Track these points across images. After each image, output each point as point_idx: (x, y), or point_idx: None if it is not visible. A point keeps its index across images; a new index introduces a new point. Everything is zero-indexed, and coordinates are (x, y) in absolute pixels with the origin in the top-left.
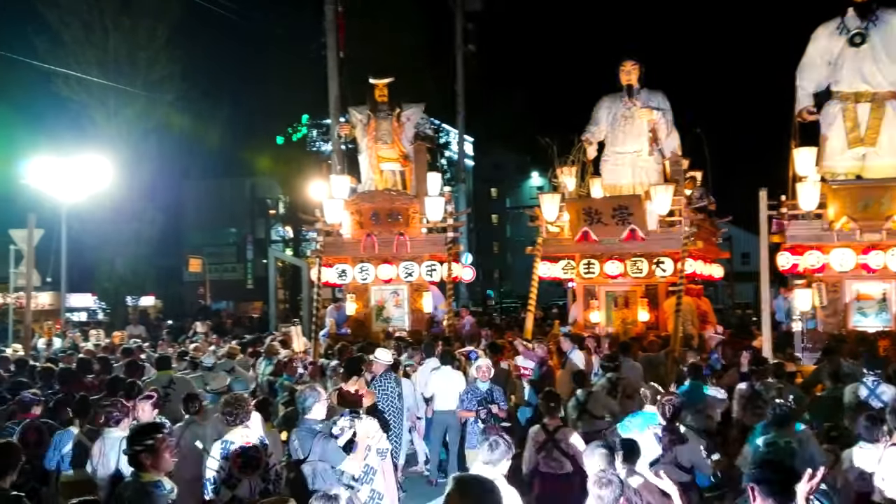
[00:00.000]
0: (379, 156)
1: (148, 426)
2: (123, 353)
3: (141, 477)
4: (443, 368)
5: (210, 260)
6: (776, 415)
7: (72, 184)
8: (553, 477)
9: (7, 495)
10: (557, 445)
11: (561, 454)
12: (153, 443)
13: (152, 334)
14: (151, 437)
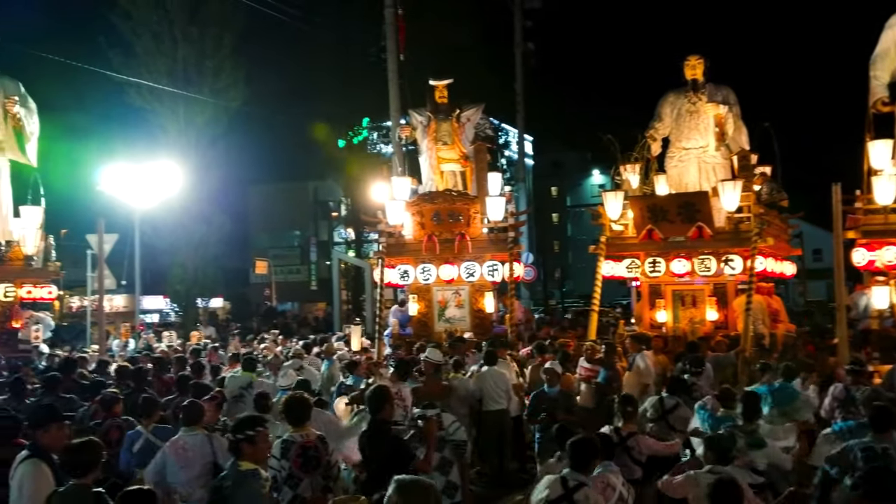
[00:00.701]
0: (439, 157)
1: (251, 418)
2: (192, 354)
3: (240, 465)
4: (490, 367)
5: (275, 262)
6: (876, 417)
7: (144, 190)
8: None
9: (89, 492)
10: (629, 452)
11: (631, 461)
12: (254, 434)
13: (221, 335)
14: (254, 428)
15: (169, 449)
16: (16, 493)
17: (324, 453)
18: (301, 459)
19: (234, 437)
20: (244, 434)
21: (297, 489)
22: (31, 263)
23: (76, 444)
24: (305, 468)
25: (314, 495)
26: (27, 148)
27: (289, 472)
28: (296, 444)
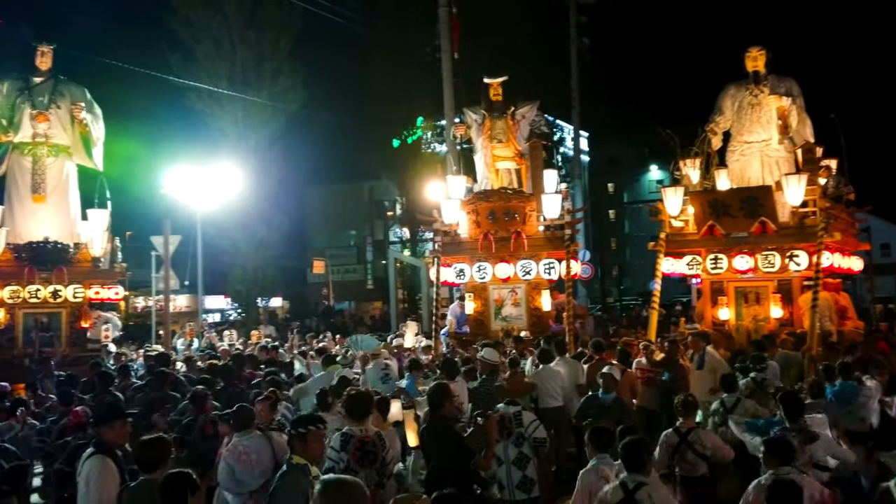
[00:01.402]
0: (494, 155)
1: (309, 416)
2: (262, 351)
3: (292, 458)
4: (545, 365)
5: (332, 262)
6: None
7: (206, 192)
8: (688, 480)
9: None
10: (692, 447)
11: (696, 456)
12: (305, 432)
13: (281, 334)
14: (306, 426)
15: (230, 455)
16: (83, 487)
17: (381, 449)
18: (359, 453)
19: (291, 431)
20: (297, 430)
21: None
22: (99, 265)
23: (147, 440)
24: (362, 462)
25: (368, 489)
26: (94, 152)
27: (346, 465)
28: (355, 437)
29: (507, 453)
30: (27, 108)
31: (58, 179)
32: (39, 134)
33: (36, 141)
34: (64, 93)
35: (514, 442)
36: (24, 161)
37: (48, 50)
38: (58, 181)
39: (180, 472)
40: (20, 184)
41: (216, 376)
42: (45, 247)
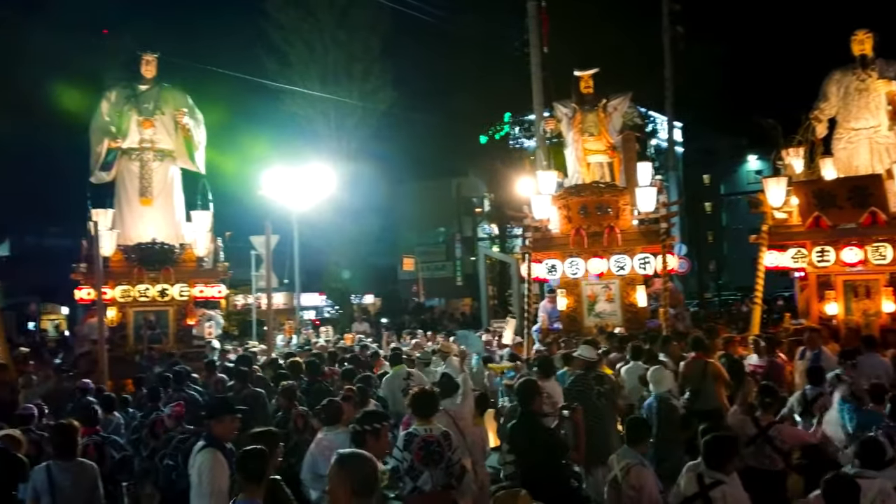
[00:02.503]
0: (585, 148)
1: (376, 413)
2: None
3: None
4: (635, 362)
5: (422, 259)
6: None
7: (301, 192)
8: (762, 473)
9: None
10: (770, 441)
11: (773, 451)
12: (371, 429)
13: (375, 330)
14: (378, 422)
15: (315, 449)
16: (195, 479)
17: (446, 449)
18: (423, 452)
19: (359, 428)
20: (363, 427)
21: (418, 481)
22: (203, 264)
23: (257, 433)
24: (426, 461)
25: (434, 489)
26: (196, 156)
27: (410, 464)
28: (418, 437)
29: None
30: (134, 115)
31: (163, 183)
32: (145, 140)
33: (142, 146)
34: (167, 99)
35: None
36: (132, 166)
37: (152, 58)
38: (163, 184)
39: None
40: (129, 188)
41: (300, 373)
42: (152, 248)
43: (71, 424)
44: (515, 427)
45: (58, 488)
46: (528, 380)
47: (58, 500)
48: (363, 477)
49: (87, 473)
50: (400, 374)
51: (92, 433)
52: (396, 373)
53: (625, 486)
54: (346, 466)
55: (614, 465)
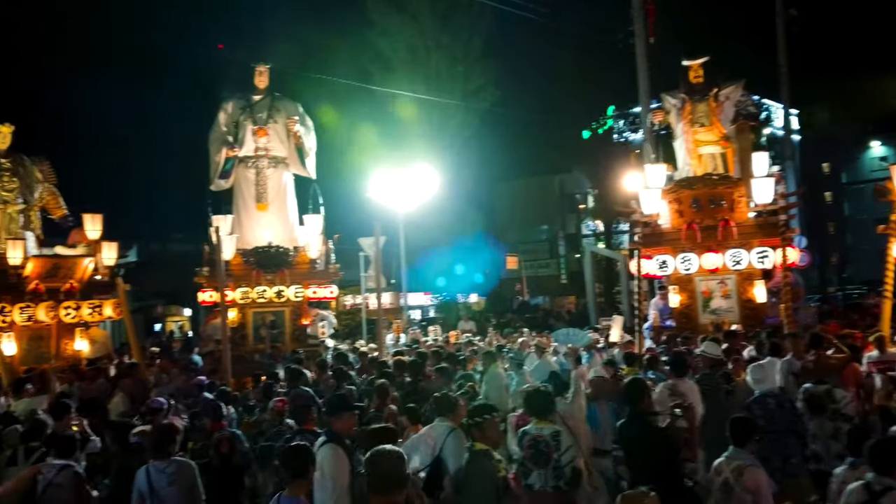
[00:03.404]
0: (696, 140)
1: (484, 406)
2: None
3: (474, 445)
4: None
5: (525, 257)
6: None
7: (406, 194)
8: None
9: None
10: None
11: None
12: (481, 420)
13: (481, 329)
14: (483, 416)
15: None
16: (318, 473)
17: (553, 450)
18: (532, 451)
19: (467, 421)
20: (473, 420)
21: (527, 479)
22: (315, 266)
23: (375, 429)
24: (535, 460)
25: (542, 489)
26: (307, 162)
27: (521, 461)
28: (529, 435)
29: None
30: (249, 125)
31: (277, 188)
32: (260, 147)
33: (257, 154)
34: (280, 108)
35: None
36: (248, 173)
37: (265, 69)
38: (277, 190)
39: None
40: (245, 194)
41: (404, 371)
42: (268, 251)
43: (169, 425)
44: (625, 426)
45: (155, 489)
46: (636, 378)
47: (156, 500)
48: (381, 473)
49: (184, 472)
50: (500, 373)
51: (221, 428)
52: (497, 371)
53: (738, 489)
54: (367, 462)
55: (724, 468)
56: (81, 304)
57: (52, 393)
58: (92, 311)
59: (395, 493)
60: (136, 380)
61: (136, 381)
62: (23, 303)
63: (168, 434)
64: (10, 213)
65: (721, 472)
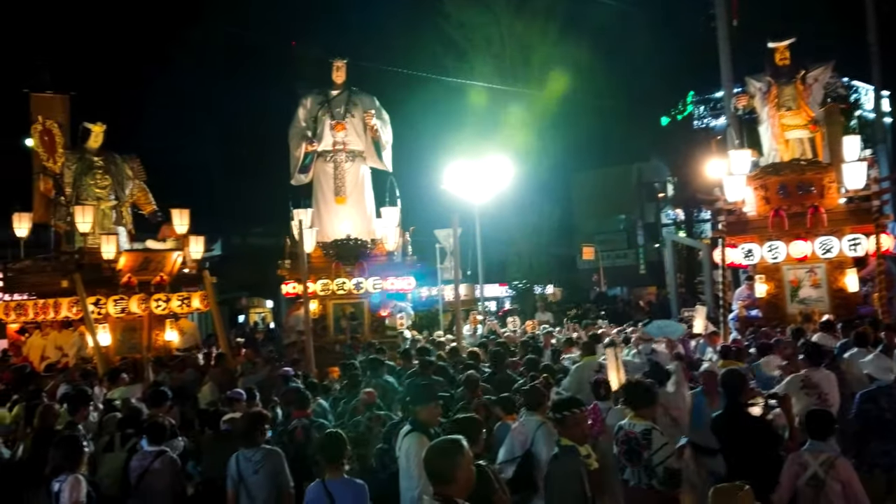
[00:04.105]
0: (783, 124)
1: (568, 400)
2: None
3: (560, 440)
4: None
5: (601, 247)
6: None
7: (481, 185)
8: None
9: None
10: None
11: None
12: (562, 417)
13: (558, 320)
14: (566, 411)
15: (513, 433)
16: (404, 462)
17: (644, 448)
18: (625, 447)
19: (552, 415)
20: (554, 415)
21: (624, 474)
22: (393, 258)
23: (458, 419)
24: (627, 457)
25: (637, 486)
26: (383, 155)
27: (617, 455)
28: (623, 430)
29: None
30: (327, 120)
31: (355, 182)
32: (338, 142)
33: (335, 148)
34: (356, 102)
35: None
36: (327, 167)
37: (342, 64)
38: (355, 183)
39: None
40: (324, 188)
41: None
42: (347, 243)
43: (258, 413)
44: (721, 418)
45: (243, 476)
46: (732, 369)
47: (244, 488)
48: (433, 468)
49: (270, 461)
50: (591, 365)
51: (302, 416)
52: (587, 363)
53: (829, 482)
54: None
55: (810, 462)
56: (171, 296)
57: (146, 382)
58: (181, 303)
59: (438, 485)
60: (223, 369)
61: (223, 371)
62: (116, 295)
63: (256, 422)
64: (103, 209)
65: (807, 467)
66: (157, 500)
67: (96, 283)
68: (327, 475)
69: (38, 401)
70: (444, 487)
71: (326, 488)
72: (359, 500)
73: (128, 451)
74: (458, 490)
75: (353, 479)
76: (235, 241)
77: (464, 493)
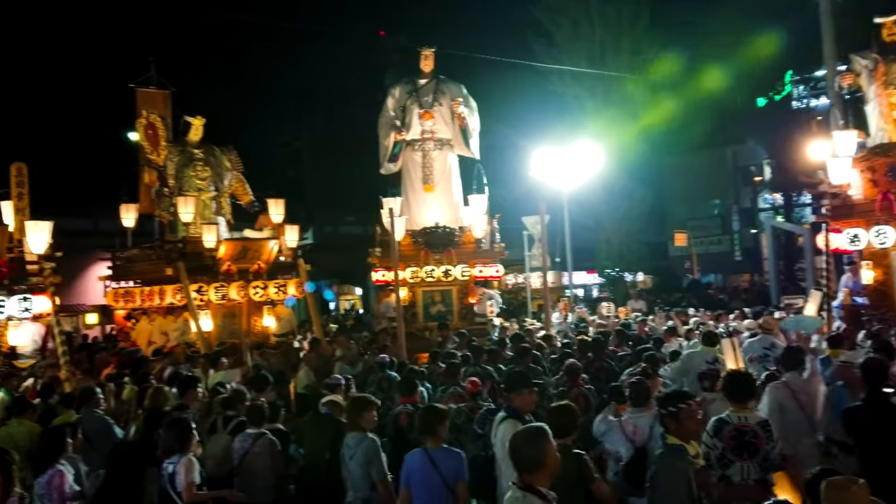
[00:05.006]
0: (892, 103)
1: (679, 393)
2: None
3: (667, 439)
4: None
5: (694, 233)
6: None
7: (570, 171)
8: None
9: (570, 451)
10: None
11: None
12: (675, 410)
13: (651, 308)
14: (676, 404)
15: (617, 427)
16: (500, 449)
17: (764, 441)
18: (734, 442)
19: (661, 410)
20: (667, 409)
21: (727, 470)
22: (481, 246)
23: (557, 406)
24: (738, 451)
25: (743, 481)
26: (471, 143)
27: (721, 452)
28: (730, 424)
29: None
30: (415, 109)
31: (443, 170)
32: (426, 130)
33: (424, 137)
34: (444, 91)
35: None
36: (415, 156)
37: (430, 53)
38: (443, 171)
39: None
40: (413, 176)
41: (587, 351)
42: (435, 231)
43: (360, 398)
44: (858, 411)
45: (345, 461)
46: (873, 358)
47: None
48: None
49: (364, 448)
50: (704, 355)
51: (409, 402)
52: (701, 352)
53: None
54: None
55: None
56: (268, 283)
57: (246, 366)
58: (277, 290)
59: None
60: (318, 355)
61: (318, 356)
62: (217, 283)
63: (356, 408)
64: (203, 199)
65: None
66: (258, 481)
67: (198, 271)
68: (429, 444)
69: (147, 383)
70: (530, 475)
71: (429, 455)
72: (460, 466)
73: (230, 432)
74: (543, 478)
75: (453, 448)
76: (327, 230)
77: (549, 481)
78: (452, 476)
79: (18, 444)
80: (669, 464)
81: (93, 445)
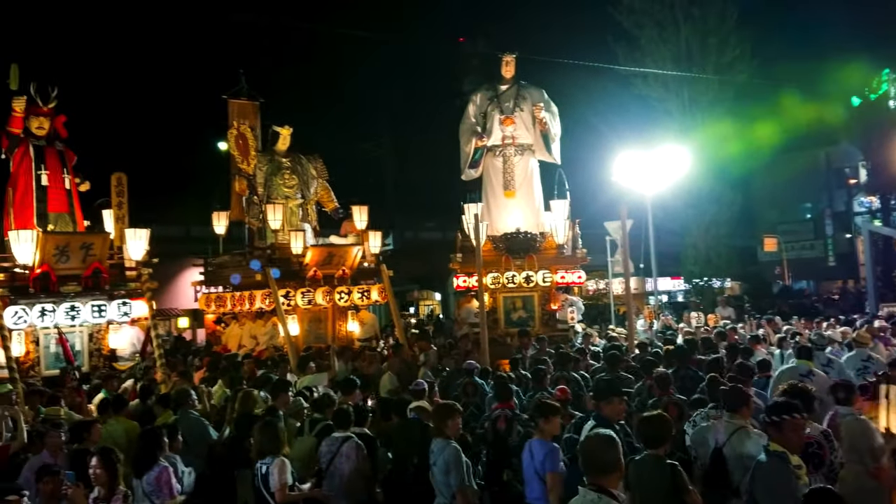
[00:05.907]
0: None
1: (783, 404)
2: (717, 336)
3: (769, 445)
4: None
5: (785, 238)
6: None
7: (654, 175)
8: None
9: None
10: None
11: None
12: (779, 420)
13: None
14: (781, 415)
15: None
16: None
17: (828, 452)
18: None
19: (765, 418)
20: (770, 418)
21: None
22: (562, 251)
23: (648, 416)
24: (806, 460)
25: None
26: (552, 148)
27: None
28: None
29: None
30: (496, 114)
31: (524, 175)
32: (507, 136)
33: (504, 143)
34: (525, 96)
35: None
36: (496, 161)
37: (511, 59)
38: (524, 177)
39: None
40: (494, 182)
41: (672, 359)
42: (517, 237)
43: (446, 405)
44: None
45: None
46: None
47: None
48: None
49: (444, 455)
50: (798, 370)
51: (506, 407)
52: (796, 367)
53: None
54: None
55: None
56: (352, 288)
57: (332, 370)
58: (361, 296)
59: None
60: (401, 359)
61: (401, 361)
62: (304, 288)
63: (441, 415)
64: (290, 207)
65: None
66: (346, 483)
67: (286, 277)
68: (537, 435)
69: (240, 387)
70: (601, 477)
71: (529, 445)
72: (553, 456)
73: (315, 435)
74: (615, 480)
75: (548, 441)
76: (408, 236)
77: (618, 483)
78: (541, 466)
79: (117, 443)
80: (772, 469)
81: (189, 446)
